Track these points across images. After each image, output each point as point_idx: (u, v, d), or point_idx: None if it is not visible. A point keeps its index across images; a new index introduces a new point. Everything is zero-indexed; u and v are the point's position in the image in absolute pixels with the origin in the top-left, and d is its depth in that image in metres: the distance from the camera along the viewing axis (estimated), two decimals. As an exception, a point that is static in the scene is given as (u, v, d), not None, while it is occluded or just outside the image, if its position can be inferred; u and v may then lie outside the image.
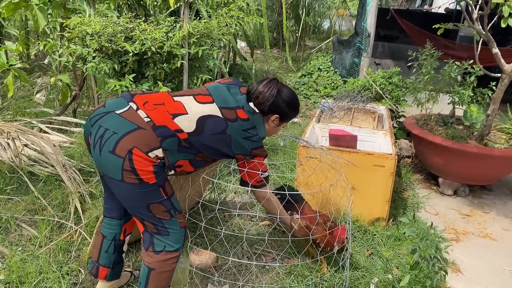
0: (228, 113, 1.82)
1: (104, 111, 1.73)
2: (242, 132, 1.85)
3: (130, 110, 1.71)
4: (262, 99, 1.91)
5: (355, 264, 2.41)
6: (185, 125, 1.74)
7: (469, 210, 3.26)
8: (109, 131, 1.65)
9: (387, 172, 2.65)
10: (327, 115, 3.60)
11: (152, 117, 1.70)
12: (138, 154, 1.62)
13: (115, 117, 1.69)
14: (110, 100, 1.80)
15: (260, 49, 8.82)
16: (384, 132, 3.15)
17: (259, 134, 1.90)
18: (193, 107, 1.79)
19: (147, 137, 1.66)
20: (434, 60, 3.47)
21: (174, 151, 1.73)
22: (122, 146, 1.62)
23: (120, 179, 1.64)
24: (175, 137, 1.72)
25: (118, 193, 1.75)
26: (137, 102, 1.75)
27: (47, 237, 2.44)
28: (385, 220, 2.78)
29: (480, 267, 2.57)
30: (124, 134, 1.63)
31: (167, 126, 1.70)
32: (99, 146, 1.65)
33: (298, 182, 2.82)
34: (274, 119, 1.97)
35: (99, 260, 1.98)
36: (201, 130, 1.76)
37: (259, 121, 1.90)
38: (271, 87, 1.93)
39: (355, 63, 5.54)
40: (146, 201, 1.70)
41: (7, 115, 4.11)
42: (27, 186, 2.84)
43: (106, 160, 1.65)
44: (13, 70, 3.36)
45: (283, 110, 1.96)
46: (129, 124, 1.66)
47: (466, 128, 3.48)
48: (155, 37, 2.78)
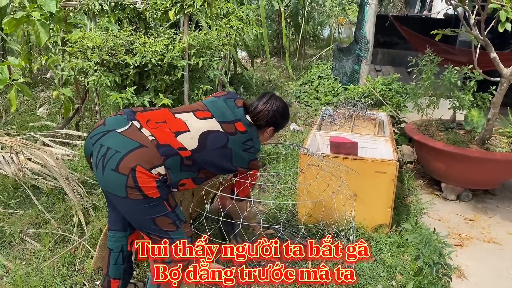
0: (227, 127, 1.85)
1: (104, 130, 1.75)
2: (241, 144, 1.88)
3: (131, 129, 1.74)
4: (262, 116, 1.99)
5: (359, 271, 2.40)
6: (188, 143, 1.76)
7: (472, 214, 3.25)
8: (111, 150, 1.67)
9: (388, 179, 2.65)
10: (328, 123, 3.61)
11: (156, 136, 1.72)
12: (142, 171, 1.65)
13: (117, 136, 1.71)
14: (110, 118, 1.81)
15: (260, 58, 8.87)
16: (385, 138, 3.16)
17: (255, 146, 1.94)
18: (194, 123, 1.81)
19: (150, 155, 1.68)
20: (435, 65, 3.48)
21: (177, 170, 1.75)
22: (126, 164, 1.64)
23: (125, 196, 1.67)
24: (177, 156, 1.74)
25: (123, 210, 1.78)
26: (140, 120, 1.77)
27: (51, 250, 2.45)
28: (388, 226, 2.77)
29: (485, 272, 2.55)
30: (127, 152, 1.65)
31: (171, 145, 1.73)
32: (102, 165, 1.67)
33: (300, 190, 2.82)
34: (269, 131, 2.07)
35: (108, 273, 2.02)
36: (204, 146, 1.79)
37: (254, 133, 1.94)
38: (271, 104, 2.01)
39: (355, 70, 5.56)
40: (152, 215, 1.72)
41: (11, 129, 4.14)
42: (31, 200, 2.85)
43: (110, 178, 1.67)
44: (16, 85, 3.41)
45: (278, 122, 2.06)
46: (131, 143, 1.69)
47: (467, 132, 3.48)
48: (155, 50, 2.81)
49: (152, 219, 1.73)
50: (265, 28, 5.84)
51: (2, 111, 4.53)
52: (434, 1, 11.35)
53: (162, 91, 2.93)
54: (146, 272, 2.33)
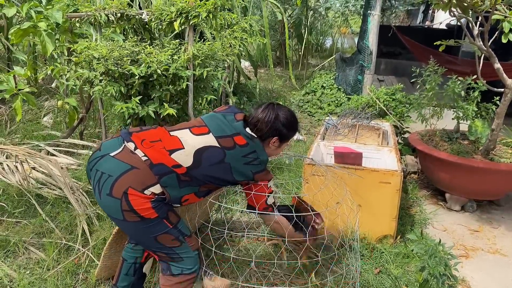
0: (225, 141, 1.82)
1: (100, 155, 1.76)
2: (241, 158, 1.84)
3: (124, 151, 1.74)
4: (260, 126, 1.91)
5: (364, 282, 2.39)
6: (182, 160, 1.75)
7: (477, 225, 3.23)
8: (105, 175, 1.68)
9: (393, 189, 2.64)
10: (331, 133, 3.62)
11: (149, 156, 1.72)
12: (133, 193, 1.65)
13: (110, 160, 1.72)
14: (106, 142, 1.83)
15: (263, 68, 8.91)
16: (389, 148, 3.16)
17: (260, 157, 1.88)
18: (189, 140, 1.79)
19: (141, 176, 1.68)
20: (438, 76, 3.49)
21: (175, 187, 1.75)
22: (118, 188, 1.65)
23: (123, 219, 1.68)
24: (173, 173, 1.73)
25: (126, 231, 1.81)
26: (135, 141, 1.77)
27: (54, 260, 2.44)
28: (392, 237, 2.76)
29: (490, 284, 2.53)
30: (118, 176, 1.66)
31: (164, 163, 1.72)
32: (98, 190, 1.69)
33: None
34: (274, 142, 1.96)
35: (117, 284, 2.04)
36: (199, 163, 1.77)
37: (258, 145, 1.89)
38: (268, 113, 1.92)
39: (358, 80, 5.58)
40: (152, 234, 1.73)
41: (15, 138, 4.16)
42: (35, 209, 2.86)
43: (106, 202, 1.69)
44: (22, 94, 3.43)
45: (281, 132, 1.95)
46: (123, 165, 1.69)
47: (471, 143, 3.48)
48: (160, 60, 2.83)
49: (154, 238, 1.73)
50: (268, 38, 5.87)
51: (7, 120, 4.55)
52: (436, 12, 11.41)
53: (167, 101, 2.95)
54: (150, 282, 2.32)
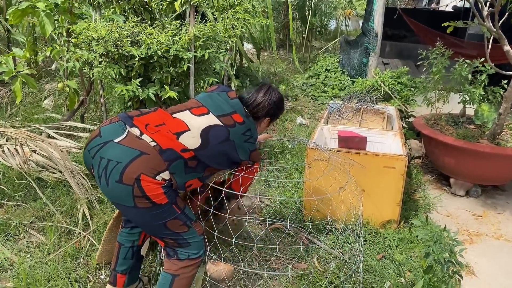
0: (225, 120, 1.82)
1: (101, 142, 1.68)
2: (241, 135, 1.85)
3: (129, 137, 1.68)
4: (261, 108, 1.99)
5: (367, 268, 2.37)
6: (190, 142, 1.72)
7: (481, 211, 3.20)
8: (112, 162, 1.62)
9: (397, 174, 2.60)
10: (335, 117, 3.56)
11: (157, 141, 1.68)
12: (146, 179, 1.61)
13: (115, 147, 1.65)
14: (105, 127, 1.75)
15: (266, 51, 8.80)
16: (393, 132, 3.10)
17: (253, 135, 1.91)
18: (193, 121, 1.77)
19: (153, 162, 1.64)
20: (445, 59, 3.41)
21: (182, 173, 1.72)
22: (129, 175, 1.60)
23: (133, 206, 1.64)
24: (181, 159, 1.70)
25: (133, 219, 1.77)
26: (139, 125, 1.72)
27: (55, 243, 2.43)
28: (396, 222, 2.73)
29: (494, 269, 2.51)
30: (128, 162, 1.61)
31: (173, 148, 1.69)
32: (105, 178, 1.63)
33: (306, 186, 2.78)
34: (266, 121, 2.06)
35: (116, 268, 2.02)
36: (207, 142, 1.75)
37: (253, 123, 1.92)
38: (270, 95, 2.01)
39: (363, 63, 5.49)
40: (162, 220, 1.70)
41: (16, 121, 4.13)
42: (36, 192, 2.84)
43: (115, 190, 1.63)
44: (21, 76, 3.38)
45: (275, 113, 2.07)
46: (131, 151, 1.63)
47: (477, 127, 3.42)
48: (161, 41, 2.77)
49: (164, 224, 1.71)
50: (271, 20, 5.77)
51: (7, 103, 4.51)
52: (443, -6, 11.20)
53: (167, 83, 2.89)
54: (151, 267, 2.31)
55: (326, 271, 2.30)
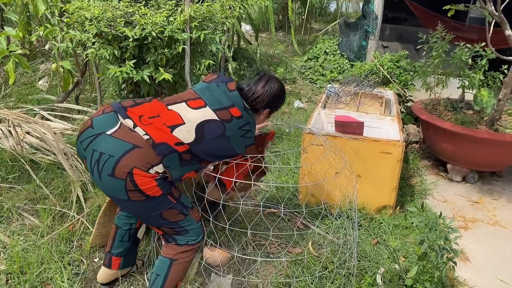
0: (222, 114, 1.77)
1: (94, 133, 1.64)
2: (238, 130, 1.81)
3: (121, 129, 1.63)
4: (260, 100, 1.92)
5: (361, 253, 2.36)
6: (184, 136, 1.68)
7: (478, 197, 3.19)
8: (104, 155, 1.58)
9: (394, 159, 2.58)
10: (333, 101, 3.52)
11: (151, 134, 1.63)
12: (139, 173, 1.58)
13: (108, 139, 1.61)
14: (97, 118, 1.70)
15: (265, 33, 8.68)
16: (391, 117, 3.07)
17: (251, 129, 1.86)
18: (189, 114, 1.72)
19: (146, 155, 1.60)
20: (446, 43, 3.35)
21: (177, 166, 1.69)
22: (121, 168, 1.56)
23: (127, 199, 1.62)
24: (175, 153, 1.66)
25: (128, 210, 1.75)
26: (132, 117, 1.67)
27: (49, 226, 2.42)
28: (392, 208, 2.72)
29: (489, 256, 2.51)
30: (121, 156, 1.57)
31: (167, 142, 1.65)
32: (98, 171, 1.60)
33: (302, 171, 2.76)
34: (265, 113, 2.00)
35: (111, 250, 2.01)
36: (201, 137, 1.71)
37: (251, 117, 1.87)
38: (270, 87, 1.93)
39: (362, 46, 5.42)
40: (158, 211, 1.69)
41: (9, 102, 4.07)
42: (29, 175, 2.81)
43: (108, 183, 1.61)
44: (14, 56, 3.31)
45: (275, 104, 1.99)
46: (124, 145, 1.59)
47: (476, 113, 3.39)
48: (155, 22, 2.69)
49: (159, 214, 1.69)
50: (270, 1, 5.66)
51: (1, 83, 4.45)
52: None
53: (162, 65, 2.83)
54: (145, 251, 2.30)
55: (321, 256, 2.30)
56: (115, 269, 2.02)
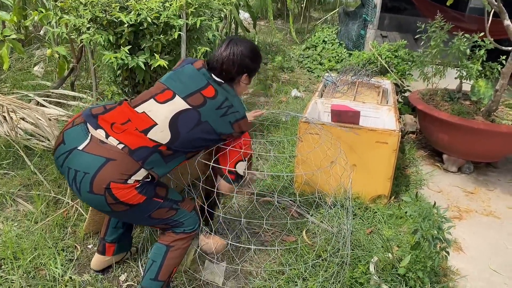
0: (194, 99, 1.70)
1: (66, 150, 1.59)
2: (216, 111, 1.73)
3: (92, 142, 1.58)
4: (227, 67, 1.79)
5: (355, 242, 2.37)
6: (160, 137, 1.63)
7: (473, 187, 3.20)
8: (80, 172, 1.54)
9: (390, 149, 2.57)
10: (330, 90, 3.50)
11: (125, 142, 1.59)
12: (116, 186, 1.54)
13: (80, 155, 1.56)
14: (67, 132, 1.64)
15: (263, 21, 8.62)
16: (388, 107, 3.06)
17: (234, 103, 1.77)
18: (158, 112, 1.66)
19: (121, 167, 1.55)
20: (444, 32, 3.33)
21: (162, 164, 1.65)
22: (98, 185, 1.53)
23: (110, 210, 1.60)
24: (156, 153, 1.62)
25: (118, 218, 1.74)
26: (104, 126, 1.61)
27: (43, 212, 2.41)
28: (386, 197, 2.72)
29: (482, 246, 2.53)
30: (96, 172, 1.53)
31: (144, 146, 1.60)
32: (76, 188, 1.57)
33: (297, 160, 2.76)
34: (244, 79, 1.88)
35: (105, 237, 2.00)
36: (177, 134, 1.66)
37: (228, 90, 1.79)
38: (232, 49, 1.80)
39: (361, 35, 5.38)
40: (146, 214, 1.67)
41: (4, 88, 4.04)
42: (23, 161, 2.80)
43: (89, 200, 1.59)
44: (8, 41, 3.27)
45: (249, 67, 1.85)
46: (96, 160, 1.54)
47: (473, 103, 3.38)
48: (151, 7, 2.67)
49: (148, 216, 1.68)
50: (269, -12, 5.61)
51: (-4, 69, 4.40)
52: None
53: (158, 52, 2.81)
54: (140, 237, 2.30)
55: (315, 244, 2.31)
56: (109, 256, 2.02)
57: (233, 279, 2.09)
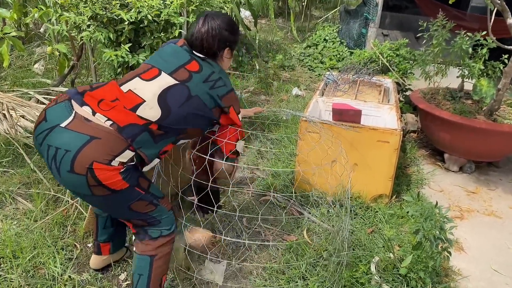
0: (180, 74, 1.68)
1: (47, 127, 1.50)
2: (204, 84, 1.71)
3: (76, 119, 1.50)
4: (207, 43, 1.76)
5: (356, 241, 2.36)
6: (149, 114, 1.59)
7: (474, 187, 3.18)
8: (60, 150, 1.45)
9: (391, 148, 2.56)
10: (331, 88, 3.49)
11: (114, 119, 1.52)
12: (100, 167, 1.45)
13: (62, 132, 1.47)
14: (50, 109, 1.55)
15: (264, 19, 8.59)
16: (389, 106, 3.05)
17: (221, 76, 1.76)
18: (145, 89, 1.62)
19: (105, 146, 1.48)
20: (446, 31, 3.30)
21: (151, 144, 1.60)
22: (80, 164, 1.44)
23: (90, 194, 1.51)
24: (146, 131, 1.57)
25: (94, 205, 1.62)
26: (90, 103, 1.55)
27: (42, 211, 2.40)
28: (388, 197, 2.71)
29: (483, 246, 2.51)
30: (78, 150, 1.44)
31: (134, 123, 1.55)
32: (56, 168, 1.48)
33: (298, 158, 2.74)
34: (226, 53, 1.86)
35: (98, 238, 1.97)
36: (168, 110, 1.62)
37: (212, 64, 1.78)
38: (210, 25, 1.77)
39: (362, 34, 5.36)
40: (126, 204, 1.59)
41: (4, 85, 4.02)
42: (23, 159, 2.79)
43: (68, 180, 1.49)
44: (8, 38, 3.26)
45: (230, 39, 1.83)
46: (80, 137, 1.46)
47: (475, 102, 3.36)
48: (151, 5, 2.66)
49: (128, 207, 1.60)
50: (270, -14, 5.59)
51: (-4, 66, 4.39)
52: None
53: (158, 50, 2.80)
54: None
55: (315, 243, 2.29)
56: (106, 255, 2.00)
57: (233, 279, 2.08)
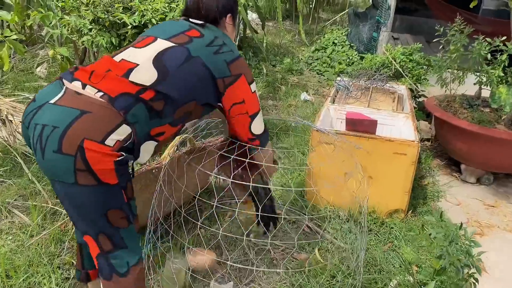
0: (178, 39, 1.51)
1: (36, 106, 1.35)
2: (207, 48, 1.53)
3: (67, 93, 1.36)
4: (207, 4, 1.63)
5: (371, 260, 2.21)
6: (144, 78, 1.40)
7: (493, 200, 3.03)
8: (47, 127, 1.28)
9: (408, 161, 2.42)
10: (342, 95, 3.35)
11: (104, 89, 1.36)
12: (92, 147, 1.27)
13: (51, 108, 1.32)
14: (42, 90, 1.42)
15: (272, 21, 8.46)
16: (405, 115, 2.90)
17: (226, 42, 1.59)
18: (139, 54, 1.46)
19: (98, 120, 1.31)
20: (465, 36, 3.15)
21: (146, 119, 1.40)
22: (69, 141, 1.27)
23: (73, 182, 1.30)
24: (141, 103, 1.38)
25: (70, 199, 1.39)
26: (80, 77, 1.39)
27: (39, 225, 2.28)
28: (404, 212, 2.57)
29: (507, 265, 2.36)
30: (67, 126, 1.27)
31: (127, 92, 1.37)
32: (40, 148, 1.29)
33: (309, 172, 2.60)
34: (228, 20, 1.70)
35: (84, 267, 1.72)
36: (165, 70, 1.43)
37: (214, 29, 1.62)
38: None
39: (373, 38, 5.21)
40: (105, 207, 1.38)
41: (5, 89, 3.92)
42: (21, 168, 2.68)
43: (53, 162, 1.30)
44: (8, 41, 3.15)
45: (231, 5, 1.70)
46: (70, 112, 1.30)
47: (493, 111, 3.21)
48: (156, 8, 2.54)
49: (104, 212, 1.38)
50: (278, -12, 5.46)
51: (-3, 70, 4.29)
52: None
53: (163, 55, 2.68)
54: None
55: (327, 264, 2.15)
56: (95, 278, 1.72)
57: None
